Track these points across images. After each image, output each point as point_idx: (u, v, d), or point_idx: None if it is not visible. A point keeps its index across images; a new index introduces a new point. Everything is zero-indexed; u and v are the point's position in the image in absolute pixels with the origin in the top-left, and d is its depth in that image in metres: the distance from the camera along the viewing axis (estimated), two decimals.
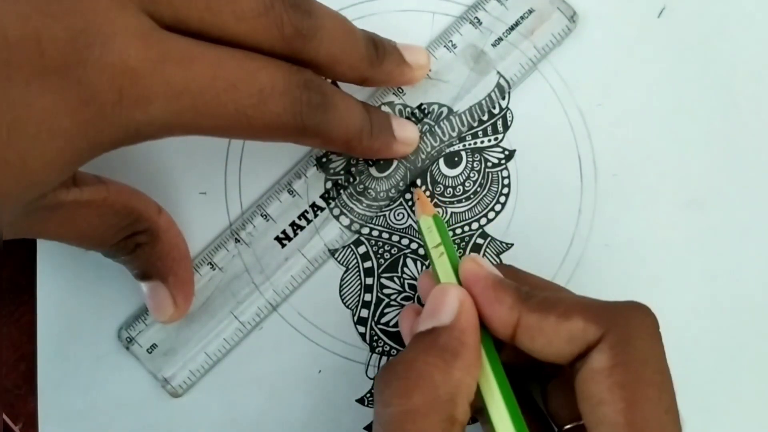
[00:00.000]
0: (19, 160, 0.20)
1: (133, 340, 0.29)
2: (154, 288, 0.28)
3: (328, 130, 0.25)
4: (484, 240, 0.31)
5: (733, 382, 0.30)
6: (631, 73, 0.31)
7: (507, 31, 0.30)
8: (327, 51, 0.25)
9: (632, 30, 0.31)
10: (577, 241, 0.31)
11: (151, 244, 0.27)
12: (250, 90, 0.23)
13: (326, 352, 0.30)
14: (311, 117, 0.24)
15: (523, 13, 0.30)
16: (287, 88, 0.23)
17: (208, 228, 0.30)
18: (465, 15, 0.30)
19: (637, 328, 0.22)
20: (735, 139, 0.31)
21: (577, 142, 0.31)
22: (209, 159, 0.30)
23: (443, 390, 0.22)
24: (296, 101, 0.24)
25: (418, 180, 0.30)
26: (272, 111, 0.23)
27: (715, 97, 0.31)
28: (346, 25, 0.26)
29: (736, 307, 0.31)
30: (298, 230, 0.30)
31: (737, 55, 0.31)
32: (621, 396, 0.21)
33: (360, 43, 0.26)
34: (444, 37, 0.30)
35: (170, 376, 0.30)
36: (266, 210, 0.30)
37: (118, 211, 0.26)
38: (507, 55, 0.30)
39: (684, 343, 0.31)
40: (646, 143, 0.31)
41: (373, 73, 0.27)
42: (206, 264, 0.30)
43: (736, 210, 0.31)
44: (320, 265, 0.30)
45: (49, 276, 0.30)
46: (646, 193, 0.31)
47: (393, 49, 0.28)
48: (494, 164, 0.31)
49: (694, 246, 0.31)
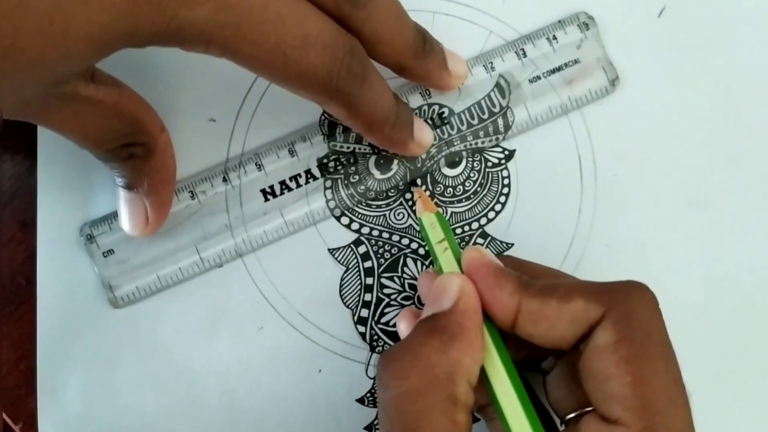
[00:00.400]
0: (63, 23, 0.20)
1: (93, 239, 0.29)
2: (133, 200, 0.28)
3: (358, 104, 0.25)
4: (485, 240, 0.31)
5: (734, 381, 0.31)
6: (631, 73, 0.31)
7: (548, 73, 0.30)
8: (373, 26, 0.24)
9: (632, 30, 0.31)
10: (577, 241, 0.31)
11: (144, 158, 0.27)
12: (296, 31, 0.22)
13: (326, 351, 0.30)
14: (347, 83, 0.24)
15: (568, 61, 0.30)
16: (332, 45, 0.23)
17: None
18: (513, 43, 0.31)
19: (638, 303, 0.22)
20: (735, 139, 0.31)
21: (577, 142, 0.31)
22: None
23: (440, 369, 0.22)
24: (337, 61, 0.23)
25: (418, 180, 0.30)
26: (311, 61, 0.23)
27: (715, 97, 0.31)
28: (398, 9, 0.26)
29: (737, 307, 0.31)
30: (285, 190, 0.30)
31: (737, 54, 0.31)
32: (627, 370, 0.21)
33: (409, 31, 0.26)
34: (485, 57, 0.30)
35: (116, 285, 0.29)
36: (262, 160, 0.30)
37: (124, 119, 0.26)
38: (540, 94, 0.30)
39: (684, 343, 0.30)
40: (646, 143, 0.31)
41: (413, 64, 0.27)
42: (187, 191, 0.30)
43: (736, 210, 0.31)
44: (296, 230, 0.30)
45: (49, 276, 0.30)
46: (646, 193, 0.31)
47: (440, 50, 0.28)
48: (494, 164, 0.31)
49: (694, 246, 0.31)
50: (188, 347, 0.30)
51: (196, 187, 0.30)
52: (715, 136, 0.31)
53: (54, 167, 0.30)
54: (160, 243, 0.30)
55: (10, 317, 0.30)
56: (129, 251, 0.30)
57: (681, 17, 0.31)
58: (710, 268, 0.31)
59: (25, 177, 0.30)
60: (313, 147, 0.30)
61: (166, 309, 0.30)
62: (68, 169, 0.30)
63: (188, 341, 0.30)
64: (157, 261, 0.30)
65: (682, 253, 0.31)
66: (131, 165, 0.27)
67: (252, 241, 0.30)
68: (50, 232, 0.30)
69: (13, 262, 0.30)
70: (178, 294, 0.30)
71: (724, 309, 0.31)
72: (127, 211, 0.28)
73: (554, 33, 0.30)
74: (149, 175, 0.27)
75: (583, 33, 0.30)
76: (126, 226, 0.28)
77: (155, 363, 0.30)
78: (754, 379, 0.31)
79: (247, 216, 0.30)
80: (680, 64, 0.31)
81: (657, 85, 0.31)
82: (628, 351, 0.22)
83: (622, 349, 0.22)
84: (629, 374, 0.21)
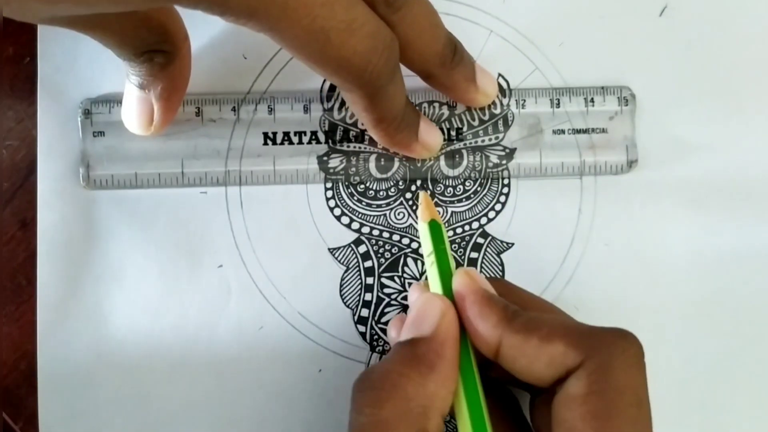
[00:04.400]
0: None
1: (90, 115, 0.30)
2: (142, 99, 0.28)
3: (380, 98, 0.25)
4: (485, 239, 0.31)
5: (734, 381, 0.31)
6: (631, 73, 0.31)
7: (574, 131, 0.30)
8: (405, 30, 0.25)
9: (633, 29, 0.31)
10: (577, 241, 0.31)
11: (163, 65, 0.27)
12: (343, 15, 0.22)
13: (326, 351, 0.30)
14: (379, 76, 0.24)
15: (597, 127, 0.30)
16: (374, 35, 0.23)
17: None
18: (551, 90, 0.30)
19: (618, 356, 0.22)
20: (736, 138, 0.31)
21: (578, 142, 0.31)
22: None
23: (415, 403, 0.22)
24: (376, 52, 0.23)
25: (418, 181, 0.30)
26: (352, 47, 0.23)
27: (715, 96, 0.31)
28: (433, 17, 0.26)
29: (737, 307, 0.31)
30: (286, 142, 0.30)
31: (738, 53, 0.31)
32: (592, 426, 0.21)
33: (440, 40, 0.26)
34: (520, 92, 0.30)
35: (93, 165, 0.30)
36: (275, 106, 0.30)
37: (152, 28, 0.25)
38: (559, 148, 0.30)
39: (684, 343, 0.31)
40: (646, 143, 0.31)
41: (440, 73, 0.27)
42: (194, 106, 0.30)
43: (737, 210, 0.31)
44: (283, 182, 0.30)
45: (49, 276, 0.30)
46: (646, 193, 0.31)
47: (470, 63, 0.28)
48: (495, 163, 0.31)
49: (694, 246, 0.31)
50: (186, 344, 0.30)
51: (203, 106, 0.30)
52: (716, 135, 0.31)
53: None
54: (150, 144, 0.30)
55: (10, 317, 0.30)
56: (118, 140, 0.30)
57: (682, 15, 0.31)
58: (710, 268, 0.31)
59: (25, 176, 0.30)
60: (328, 112, 0.30)
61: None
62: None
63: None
64: (141, 160, 0.30)
65: (681, 253, 0.31)
66: (149, 68, 0.27)
67: (239, 176, 0.30)
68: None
69: (13, 262, 0.30)
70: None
71: (725, 309, 0.31)
72: (134, 109, 0.28)
73: (593, 96, 0.30)
74: (164, 81, 0.27)
75: (620, 107, 0.30)
76: (129, 123, 0.29)
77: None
78: (754, 379, 0.31)
79: (242, 151, 0.30)
80: (681, 63, 0.31)
81: (656, 87, 0.31)
82: (597, 406, 0.21)
83: (591, 402, 0.21)
84: (591, 430, 0.21)
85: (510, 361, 0.23)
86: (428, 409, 0.22)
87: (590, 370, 0.21)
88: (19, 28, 0.30)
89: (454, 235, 0.31)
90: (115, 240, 0.30)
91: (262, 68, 0.31)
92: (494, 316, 0.23)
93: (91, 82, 0.30)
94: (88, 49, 0.30)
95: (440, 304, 0.24)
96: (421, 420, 0.21)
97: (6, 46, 0.30)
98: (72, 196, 0.30)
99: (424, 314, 0.23)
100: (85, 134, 0.30)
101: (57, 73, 0.30)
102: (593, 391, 0.21)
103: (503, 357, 0.23)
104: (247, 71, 0.31)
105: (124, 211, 0.30)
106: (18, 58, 0.30)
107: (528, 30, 0.31)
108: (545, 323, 0.23)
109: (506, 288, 0.27)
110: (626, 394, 0.21)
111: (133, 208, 0.30)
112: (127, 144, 0.30)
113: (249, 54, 0.31)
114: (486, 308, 0.23)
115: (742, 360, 0.31)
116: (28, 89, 0.30)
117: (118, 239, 0.30)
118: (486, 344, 0.23)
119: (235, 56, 0.30)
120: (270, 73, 0.31)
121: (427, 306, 0.24)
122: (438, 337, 0.23)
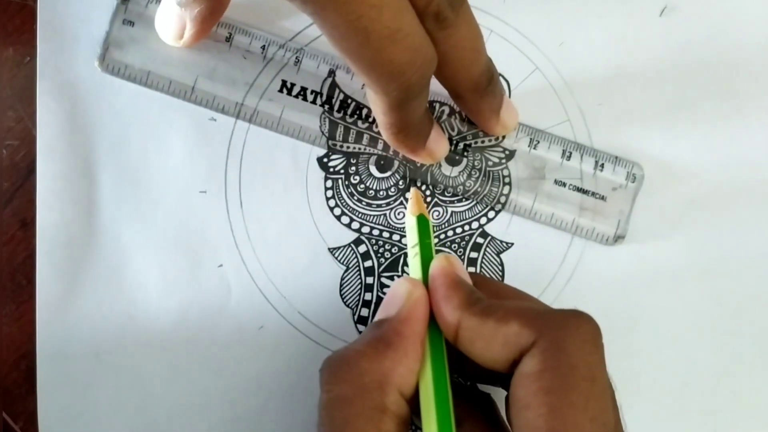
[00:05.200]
0: None
1: (127, 2, 0.30)
2: (178, 15, 0.28)
3: (401, 108, 0.25)
4: (484, 239, 0.31)
5: (734, 381, 0.31)
6: (631, 73, 0.31)
7: (574, 188, 0.30)
8: (446, 49, 0.24)
9: (633, 29, 0.31)
10: (577, 241, 0.31)
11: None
12: (389, 22, 0.22)
13: (327, 351, 0.30)
14: (408, 90, 0.24)
15: (597, 193, 0.30)
16: (415, 50, 0.23)
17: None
18: (565, 141, 0.30)
19: (571, 334, 0.22)
20: (736, 138, 0.31)
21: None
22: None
23: (369, 378, 0.22)
24: (412, 66, 0.23)
25: (418, 180, 0.30)
26: (389, 55, 0.23)
27: (716, 96, 0.31)
28: (477, 42, 0.26)
29: (737, 307, 0.31)
30: (300, 96, 0.30)
31: (738, 53, 0.31)
32: (545, 401, 0.21)
33: (478, 67, 0.26)
34: (535, 133, 0.30)
35: (111, 51, 0.30)
36: (303, 58, 0.30)
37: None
38: (555, 199, 0.30)
39: (684, 343, 0.31)
40: (646, 143, 0.31)
41: (469, 97, 0.27)
42: (227, 31, 0.30)
43: (736, 210, 0.31)
44: (284, 133, 0.30)
45: (49, 276, 0.30)
46: (646, 192, 0.31)
47: (500, 95, 0.28)
48: (495, 163, 0.31)
49: (694, 246, 0.31)
50: (186, 344, 0.30)
51: (236, 34, 0.30)
52: (716, 135, 0.31)
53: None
54: (173, 50, 0.30)
55: (10, 317, 0.30)
56: (144, 35, 0.30)
57: (682, 16, 0.31)
58: (710, 269, 0.31)
59: (25, 176, 0.30)
60: (338, 78, 0.30)
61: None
62: None
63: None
64: (159, 61, 0.30)
65: (681, 253, 0.31)
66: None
67: (246, 109, 0.30)
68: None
69: (13, 261, 0.30)
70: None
71: (725, 309, 0.31)
72: (168, 20, 0.29)
73: (605, 162, 0.30)
74: (202, 5, 0.28)
75: (627, 181, 0.30)
76: (160, 30, 0.29)
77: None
78: (754, 379, 0.31)
79: (257, 89, 0.30)
80: (681, 63, 0.31)
81: (656, 87, 0.31)
82: (550, 382, 0.21)
83: (544, 379, 0.21)
84: (545, 405, 0.21)
85: (468, 343, 0.23)
86: (384, 384, 0.22)
87: (543, 347, 0.21)
88: (19, 27, 0.30)
89: (454, 235, 0.31)
90: (114, 240, 0.30)
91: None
92: (456, 299, 0.23)
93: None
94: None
95: (407, 285, 0.24)
96: (377, 395, 0.22)
97: (6, 46, 0.30)
98: (72, 196, 0.30)
99: (392, 296, 0.24)
100: (116, 19, 0.30)
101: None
102: (546, 367, 0.21)
103: (461, 339, 0.23)
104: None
105: (124, 211, 0.30)
106: (18, 58, 0.30)
107: (528, 30, 0.31)
108: (502, 307, 0.23)
109: (482, 280, 0.27)
110: (579, 370, 0.21)
111: (133, 207, 0.30)
112: (151, 41, 0.30)
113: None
114: (450, 290, 0.24)
115: (743, 360, 0.31)
116: (28, 89, 0.30)
117: (118, 239, 0.30)
118: (446, 325, 0.23)
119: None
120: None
121: (395, 288, 0.24)
122: (399, 316, 0.23)
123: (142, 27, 0.30)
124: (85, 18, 0.30)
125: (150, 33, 0.29)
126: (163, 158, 0.30)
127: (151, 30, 0.29)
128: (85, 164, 0.30)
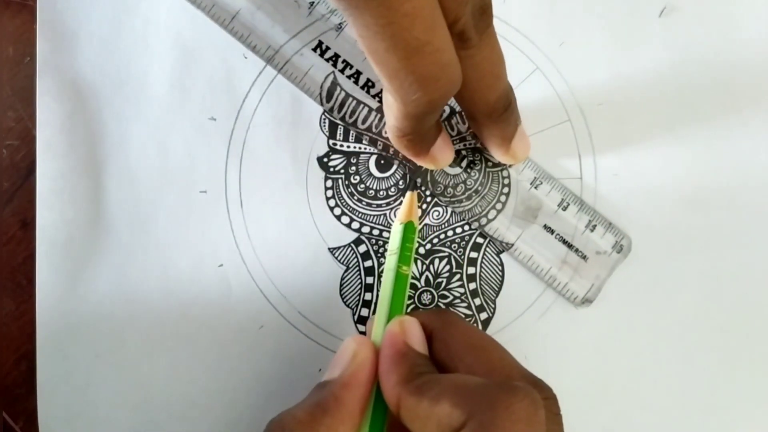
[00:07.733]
0: None
1: None
2: None
3: (413, 118, 0.25)
4: (484, 239, 0.31)
5: (734, 381, 0.31)
6: (631, 73, 0.31)
7: (561, 240, 0.30)
8: (468, 70, 0.24)
9: (633, 29, 0.31)
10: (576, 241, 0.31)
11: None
12: (420, 34, 0.21)
13: (326, 350, 0.30)
14: (427, 104, 0.24)
15: (581, 251, 0.30)
16: (443, 67, 0.23)
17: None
18: (566, 191, 0.30)
19: (500, 415, 0.21)
20: (736, 138, 0.31)
21: (578, 142, 0.31)
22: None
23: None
24: (434, 82, 0.23)
25: (418, 180, 0.30)
26: (413, 66, 0.22)
27: (716, 97, 0.31)
28: (497, 68, 0.25)
29: (737, 307, 0.31)
30: (330, 62, 0.30)
31: (738, 53, 0.31)
32: None
33: (495, 91, 0.26)
34: (540, 173, 0.30)
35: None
36: (345, 27, 0.30)
37: None
38: (539, 245, 0.30)
39: (684, 343, 0.31)
40: (647, 143, 0.31)
41: (482, 120, 0.27)
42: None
43: (736, 210, 0.31)
44: (287, 75, 0.30)
45: (49, 276, 0.30)
46: (646, 193, 0.31)
47: (514, 124, 0.28)
48: (495, 164, 0.31)
49: (694, 246, 0.31)
50: (186, 343, 0.30)
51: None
52: (716, 135, 0.31)
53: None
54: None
55: (10, 317, 0.30)
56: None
57: (682, 16, 0.31)
58: (710, 268, 0.31)
59: (25, 176, 0.30)
60: (341, 41, 0.30)
61: None
62: None
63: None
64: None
65: (681, 253, 0.31)
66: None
67: (279, 57, 0.30)
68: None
69: (13, 261, 0.30)
70: None
71: (725, 309, 0.31)
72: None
73: (597, 224, 0.30)
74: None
75: (613, 250, 0.30)
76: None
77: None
78: (754, 379, 0.31)
79: (297, 40, 0.30)
80: (681, 63, 0.31)
81: (656, 87, 0.31)
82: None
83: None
84: None
85: (408, 421, 0.22)
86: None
87: (472, 429, 0.20)
88: (19, 27, 0.30)
89: (453, 235, 0.31)
90: (114, 240, 0.30)
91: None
92: (396, 375, 0.23)
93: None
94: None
95: (353, 347, 0.23)
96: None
97: (6, 46, 0.30)
98: (72, 196, 0.30)
99: (339, 356, 0.24)
100: None
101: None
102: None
103: (402, 416, 0.22)
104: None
105: (124, 211, 0.30)
106: (18, 58, 0.30)
107: (528, 30, 0.31)
108: (439, 383, 0.22)
109: (449, 323, 0.25)
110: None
111: (133, 207, 0.30)
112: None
113: None
114: (393, 364, 0.23)
115: (743, 360, 0.31)
116: (28, 89, 0.30)
117: (118, 239, 0.30)
118: (388, 399, 0.23)
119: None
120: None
121: (342, 347, 0.24)
122: (340, 380, 0.23)
123: None
124: (85, 18, 0.30)
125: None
126: (163, 158, 0.30)
127: None
128: (84, 164, 0.30)
